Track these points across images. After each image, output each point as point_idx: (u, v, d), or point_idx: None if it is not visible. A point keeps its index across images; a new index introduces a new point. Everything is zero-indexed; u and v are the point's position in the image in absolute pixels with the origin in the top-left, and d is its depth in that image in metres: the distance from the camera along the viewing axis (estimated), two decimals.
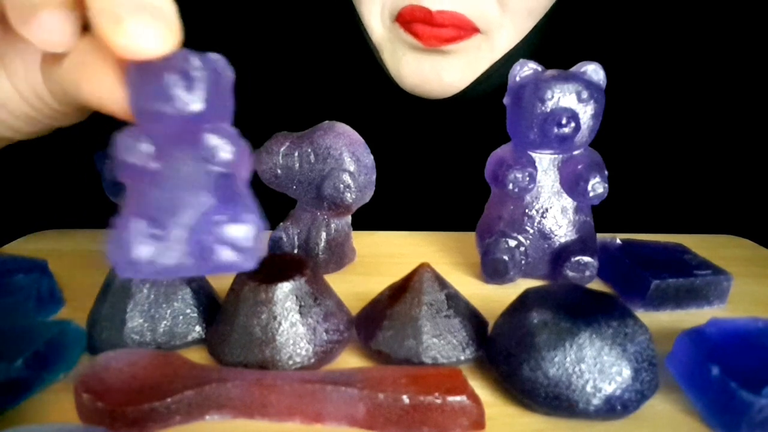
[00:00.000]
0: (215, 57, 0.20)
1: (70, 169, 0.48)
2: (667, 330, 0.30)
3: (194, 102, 0.19)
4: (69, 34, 0.20)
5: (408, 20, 0.41)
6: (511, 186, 0.34)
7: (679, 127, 0.50)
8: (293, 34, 0.50)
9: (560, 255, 0.35)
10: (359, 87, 0.48)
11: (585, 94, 0.33)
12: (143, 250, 0.18)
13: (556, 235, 0.35)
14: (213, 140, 0.19)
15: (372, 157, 0.36)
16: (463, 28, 0.41)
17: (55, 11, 0.19)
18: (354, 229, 0.38)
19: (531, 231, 0.35)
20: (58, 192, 0.50)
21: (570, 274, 0.34)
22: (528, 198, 0.35)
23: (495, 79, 0.44)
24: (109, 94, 0.21)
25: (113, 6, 0.19)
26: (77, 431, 0.20)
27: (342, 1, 0.46)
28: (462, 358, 0.27)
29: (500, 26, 0.42)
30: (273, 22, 0.50)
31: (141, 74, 0.19)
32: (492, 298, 0.32)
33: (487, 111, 0.41)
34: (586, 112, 0.33)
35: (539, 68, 0.34)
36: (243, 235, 0.19)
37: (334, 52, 0.49)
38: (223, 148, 0.19)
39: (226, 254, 0.19)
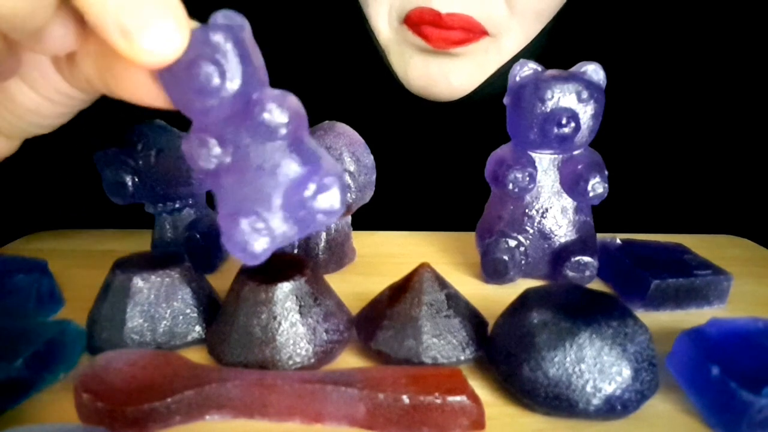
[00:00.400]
0: (226, 16, 0.20)
1: (70, 169, 0.48)
2: (667, 330, 0.30)
3: (233, 81, 0.19)
4: (75, 35, 0.20)
5: (416, 22, 0.41)
6: (511, 186, 0.34)
7: (679, 128, 0.50)
8: (300, 35, 0.50)
9: (560, 255, 0.35)
10: (365, 88, 0.48)
11: (585, 94, 0.33)
12: (259, 245, 0.20)
13: (556, 235, 0.35)
14: (266, 116, 0.19)
15: (372, 157, 0.36)
16: (472, 31, 0.41)
17: (58, 24, 0.19)
18: (354, 229, 0.38)
19: (531, 231, 0.35)
20: (58, 192, 0.50)
21: (570, 274, 0.34)
22: (528, 198, 0.35)
23: (501, 81, 0.44)
24: (146, 92, 0.20)
25: (115, 16, 0.17)
26: (77, 431, 0.20)
27: (349, 2, 0.46)
28: (462, 358, 0.27)
29: (508, 29, 0.42)
30: (280, 23, 0.50)
31: (170, 73, 0.19)
32: (492, 298, 0.32)
33: (490, 113, 0.41)
34: (586, 112, 0.33)
35: (539, 68, 0.34)
36: (333, 200, 0.20)
37: (341, 54, 0.49)
38: (279, 117, 0.20)
39: (322, 219, 0.20)
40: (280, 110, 0.19)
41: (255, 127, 0.20)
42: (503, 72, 0.44)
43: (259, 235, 0.20)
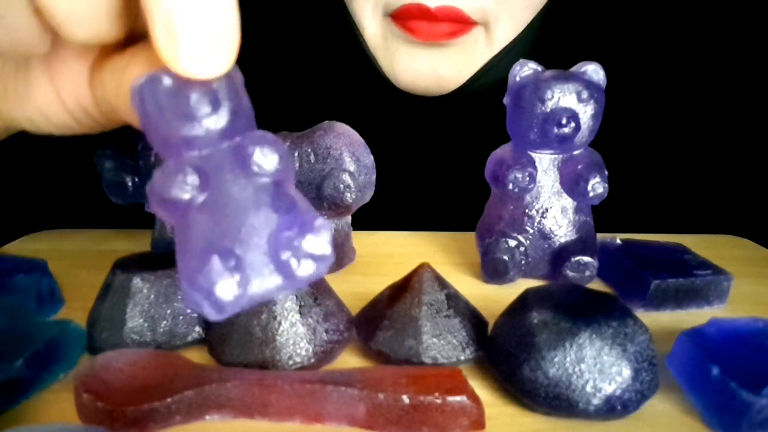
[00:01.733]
0: None
1: (70, 169, 0.48)
2: (667, 330, 0.30)
3: (222, 114, 0.18)
4: (107, 25, 0.18)
5: (404, 17, 0.41)
6: (511, 186, 0.34)
7: (679, 127, 0.50)
8: (284, 33, 0.50)
9: (560, 255, 0.35)
10: (358, 87, 0.48)
11: (585, 94, 0.33)
12: (226, 289, 0.16)
13: (556, 235, 0.35)
14: (256, 153, 0.18)
15: (372, 157, 0.36)
16: (460, 23, 0.41)
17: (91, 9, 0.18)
18: (354, 229, 0.38)
19: (531, 231, 0.35)
20: (58, 192, 0.50)
21: (570, 274, 0.34)
22: (528, 198, 0.35)
23: (494, 74, 0.44)
24: None
25: (169, 18, 0.16)
26: (77, 431, 0.20)
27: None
28: (462, 358, 0.27)
29: (497, 19, 0.42)
30: (264, 19, 0.50)
31: (154, 97, 0.17)
32: (492, 298, 0.32)
33: (486, 107, 0.41)
34: (586, 112, 0.33)
35: (539, 68, 0.34)
36: (321, 244, 0.18)
37: (331, 52, 0.49)
38: (269, 156, 0.18)
39: (308, 266, 0.17)
40: (271, 150, 0.18)
41: (241, 164, 0.18)
42: (495, 63, 0.44)
43: (231, 278, 0.16)
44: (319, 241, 0.17)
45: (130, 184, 0.34)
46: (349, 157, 0.35)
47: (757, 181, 0.50)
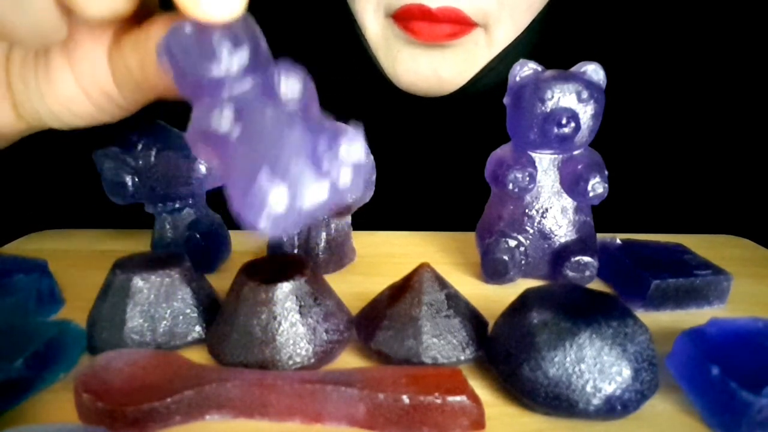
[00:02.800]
0: None
1: (70, 169, 0.48)
2: (667, 330, 0.30)
3: (243, 54, 0.19)
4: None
5: (405, 18, 0.41)
6: (511, 186, 0.34)
7: (679, 127, 0.50)
8: (287, 32, 0.50)
9: (560, 255, 0.35)
10: (359, 87, 0.48)
11: (585, 94, 0.33)
12: (278, 199, 0.17)
13: (556, 235, 0.35)
14: (282, 82, 0.20)
15: (372, 157, 0.36)
16: (461, 23, 0.41)
17: None
18: (354, 229, 0.38)
19: (531, 231, 0.35)
20: (58, 192, 0.50)
21: (570, 274, 0.34)
22: (528, 198, 0.35)
23: (494, 75, 0.44)
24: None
25: None
26: (77, 431, 0.20)
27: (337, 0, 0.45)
28: (462, 358, 0.27)
29: (498, 20, 0.42)
30: (266, 19, 0.50)
31: (180, 45, 0.19)
32: (492, 298, 0.32)
33: (486, 108, 0.41)
34: (586, 112, 0.33)
35: (539, 68, 0.34)
36: (356, 151, 0.19)
37: (333, 52, 0.49)
38: (293, 84, 0.20)
39: (347, 173, 0.19)
40: (294, 78, 0.20)
41: (270, 94, 0.19)
42: (496, 65, 0.44)
43: (275, 188, 0.17)
44: (354, 148, 0.19)
45: (130, 184, 0.34)
46: None
47: (757, 181, 0.50)
